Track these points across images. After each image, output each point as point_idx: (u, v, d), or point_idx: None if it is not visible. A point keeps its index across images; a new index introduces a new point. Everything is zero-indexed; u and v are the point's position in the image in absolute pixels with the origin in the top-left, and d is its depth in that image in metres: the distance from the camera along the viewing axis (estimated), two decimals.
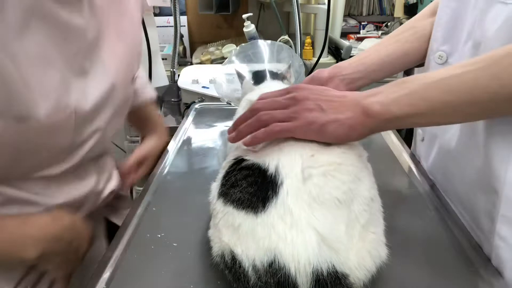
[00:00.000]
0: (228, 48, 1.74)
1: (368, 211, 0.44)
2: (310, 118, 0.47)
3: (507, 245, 0.48)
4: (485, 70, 0.42)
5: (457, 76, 0.44)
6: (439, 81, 0.45)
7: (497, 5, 0.48)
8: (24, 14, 0.45)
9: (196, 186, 0.68)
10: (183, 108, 1.40)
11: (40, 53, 0.47)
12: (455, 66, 0.46)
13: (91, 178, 0.65)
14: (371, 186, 0.47)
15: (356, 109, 0.47)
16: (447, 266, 0.50)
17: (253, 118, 0.51)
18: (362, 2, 2.40)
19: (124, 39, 0.63)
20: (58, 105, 0.50)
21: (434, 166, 0.70)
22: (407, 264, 0.50)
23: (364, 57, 0.69)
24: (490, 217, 0.51)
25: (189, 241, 0.54)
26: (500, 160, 0.48)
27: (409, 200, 0.65)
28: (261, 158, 0.47)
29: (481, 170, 0.52)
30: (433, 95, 0.45)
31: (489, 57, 0.43)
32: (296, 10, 1.53)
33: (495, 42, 0.48)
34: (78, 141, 0.58)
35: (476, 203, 0.54)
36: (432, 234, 0.56)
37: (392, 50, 0.69)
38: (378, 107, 0.46)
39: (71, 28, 0.51)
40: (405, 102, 0.46)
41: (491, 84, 0.42)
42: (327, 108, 0.48)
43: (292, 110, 0.49)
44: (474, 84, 0.43)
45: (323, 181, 0.43)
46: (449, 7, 0.61)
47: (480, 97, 0.43)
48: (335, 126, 0.47)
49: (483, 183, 0.52)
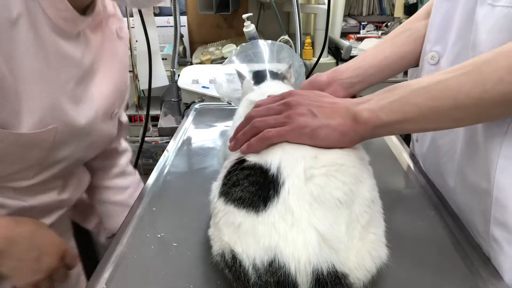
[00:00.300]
0: (228, 48, 1.74)
1: (368, 212, 0.44)
2: (301, 122, 0.48)
3: (499, 247, 0.49)
4: (468, 75, 0.43)
5: (442, 81, 0.44)
6: (426, 87, 0.45)
7: (486, 7, 0.48)
8: (33, 36, 0.51)
9: (196, 186, 0.68)
10: (183, 108, 1.40)
11: (36, 73, 0.53)
12: (442, 72, 0.46)
13: (60, 187, 0.70)
14: (372, 188, 0.47)
15: (346, 116, 0.48)
16: (447, 266, 0.50)
17: (248, 126, 0.51)
18: (362, 2, 2.40)
19: (112, 79, 0.70)
20: (41, 122, 0.55)
21: (429, 166, 0.70)
22: (406, 264, 0.50)
23: (361, 61, 0.70)
24: (485, 218, 0.51)
25: (189, 241, 0.54)
26: (490, 162, 0.48)
27: (409, 200, 0.65)
28: (263, 158, 0.47)
29: (473, 171, 0.53)
30: (420, 101, 0.45)
31: (472, 63, 0.44)
32: (296, 10, 1.53)
33: (486, 44, 0.48)
34: (50, 160, 0.62)
35: (470, 204, 0.55)
36: (432, 234, 0.56)
37: (389, 53, 0.69)
38: (367, 114, 0.47)
39: (67, 57, 0.58)
40: (393, 109, 0.46)
41: (474, 89, 0.42)
42: (318, 113, 0.49)
43: (284, 115, 0.50)
44: (458, 90, 0.43)
45: (324, 182, 0.43)
46: (441, 7, 0.62)
47: (465, 102, 0.43)
48: (326, 132, 0.47)
49: (476, 185, 0.52)
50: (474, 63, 0.43)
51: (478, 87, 0.42)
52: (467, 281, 0.48)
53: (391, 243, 0.45)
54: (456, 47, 0.57)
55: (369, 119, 0.47)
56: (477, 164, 0.51)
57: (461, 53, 0.56)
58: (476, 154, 0.51)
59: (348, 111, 0.48)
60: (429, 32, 0.65)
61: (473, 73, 0.43)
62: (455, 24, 0.58)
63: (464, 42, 0.55)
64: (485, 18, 0.48)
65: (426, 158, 0.71)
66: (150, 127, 1.80)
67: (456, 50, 0.57)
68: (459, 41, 0.57)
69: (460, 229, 0.57)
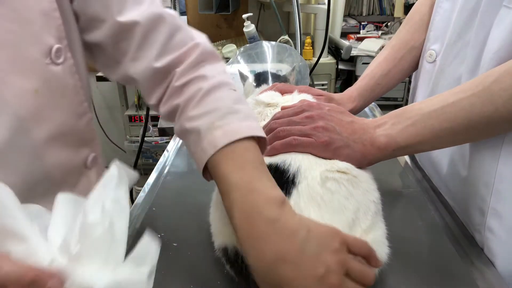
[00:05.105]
0: (228, 48, 1.74)
1: (370, 220, 0.45)
2: (327, 138, 0.49)
3: (495, 237, 0.50)
4: (478, 96, 0.45)
5: (454, 103, 0.47)
6: (438, 109, 0.48)
7: (501, 9, 0.49)
8: None
9: (196, 186, 0.68)
10: None
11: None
12: (451, 92, 0.48)
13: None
14: (377, 201, 0.48)
15: (365, 139, 0.51)
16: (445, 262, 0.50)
17: (270, 134, 0.52)
18: (362, 2, 2.40)
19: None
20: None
21: (425, 161, 0.71)
22: (406, 264, 0.50)
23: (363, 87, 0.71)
24: (481, 210, 0.52)
25: (189, 241, 0.54)
26: (491, 154, 0.50)
27: (409, 199, 0.65)
28: (280, 158, 0.48)
29: (471, 164, 0.53)
30: (434, 123, 0.48)
31: (481, 83, 0.45)
32: (296, 10, 1.53)
33: (499, 45, 0.48)
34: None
35: (467, 197, 0.55)
36: (430, 232, 0.56)
37: (393, 75, 0.71)
38: (385, 140, 0.50)
39: None
40: (410, 133, 0.49)
41: (486, 109, 0.45)
42: (341, 132, 0.51)
43: (309, 127, 0.51)
44: (470, 110, 0.46)
45: (335, 188, 0.45)
46: (442, 7, 0.63)
47: (477, 121, 0.46)
48: (348, 152, 0.50)
49: (474, 177, 0.53)
50: (483, 83, 0.45)
51: (489, 106, 0.44)
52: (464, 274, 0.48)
53: (390, 242, 0.46)
54: (456, 46, 0.58)
55: (388, 145, 0.50)
56: (477, 158, 0.52)
57: (461, 52, 0.57)
58: (475, 148, 0.52)
59: (366, 134, 0.51)
60: (429, 30, 0.66)
61: (483, 93, 0.45)
62: (455, 23, 0.58)
63: (464, 41, 0.56)
64: (500, 19, 0.49)
65: (422, 154, 0.72)
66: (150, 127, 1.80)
67: (455, 50, 0.58)
68: (459, 41, 0.57)
69: (457, 225, 0.57)
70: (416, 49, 0.70)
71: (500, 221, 0.50)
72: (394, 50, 0.71)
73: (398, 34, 0.73)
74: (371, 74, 0.71)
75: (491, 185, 0.50)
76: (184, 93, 0.48)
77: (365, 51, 1.99)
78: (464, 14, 0.56)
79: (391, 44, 0.72)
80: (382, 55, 0.73)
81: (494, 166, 0.49)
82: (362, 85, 0.71)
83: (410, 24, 0.71)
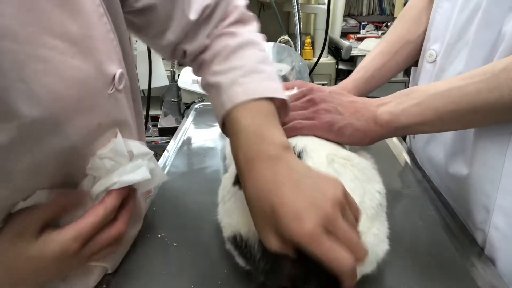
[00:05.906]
0: None
1: (375, 209, 0.45)
2: (329, 119, 0.51)
3: (501, 234, 0.50)
4: (486, 82, 0.45)
5: (461, 87, 0.47)
6: (444, 92, 0.48)
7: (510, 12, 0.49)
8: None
9: (196, 186, 0.68)
10: (183, 108, 1.40)
11: None
12: (459, 77, 0.48)
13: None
14: (383, 192, 0.48)
15: (368, 117, 0.51)
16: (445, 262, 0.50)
17: None
18: (362, 2, 2.40)
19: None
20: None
21: (426, 161, 0.71)
22: (405, 263, 0.50)
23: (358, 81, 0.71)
24: (485, 208, 0.52)
25: (189, 241, 0.54)
26: (498, 150, 0.50)
27: (409, 199, 0.65)
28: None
29: (473, 162, 0.53)
30: (439, 105, 0.48)
31: (490, 71, 0.46)
32: (296, 10, 1.53)
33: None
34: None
35: (468, 195, 0.55)
36: (431, 232, 0.56)
37: (388, 68, 0.71)
38: (388, 117, 0.51)
39: None
40: (413, 112, 0.49)
41: (491, 95, 0.45)
42: (343, 112, 0.52)
43: (311, 111, 0.52)
44: (476, 95, 0.46)
45: (342, 170, 0.46)
46: (442, 7, 0.63)
47: (482, 106, 0.46)
48: (351, 131, 0.51)
49: (477, 174, 0.53)
50: (492, 70, 0.46)
51: (495, 93, 0.45)
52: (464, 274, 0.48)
53: (390, 241, 0.46)
54: (456, 46, 0.58)
55: (391, 122, 0.50)
56: (481, 155, 0.52)
57: (461, 52, 0.57)
58: (479, 147, 0.52)
59: (369, 112, 0.52)
60: (429, 30, 0.66)
61: (491, 80, 0.45)
62: (455, 23, 0.58)
63: (464, 41, 0.56)
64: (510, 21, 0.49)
65: (422, 153, 0.72)
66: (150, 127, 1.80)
67: (456, 50, 0.58)
68: (460, 41, 0.57)
69: (457, 224, 0.57)
70: (411, 43, 0.70)
71: (507, 218, 0.50)
72: (389, 44, 0.72)
73: (393, 28, 0.73)
74: (366, 67, 0.71)
75: (497, 181, 0.50)
76: (212, 48, 0.49)
77: (365, 51, 1.99)
78: (464, 14, 0.56)
79: (386, 38, 0.73)
80: (377, 48, 0.73)
81: (501, 162, 0.49)
82: (357, 78, 0.71)
83: (406, 19, 0.72)
